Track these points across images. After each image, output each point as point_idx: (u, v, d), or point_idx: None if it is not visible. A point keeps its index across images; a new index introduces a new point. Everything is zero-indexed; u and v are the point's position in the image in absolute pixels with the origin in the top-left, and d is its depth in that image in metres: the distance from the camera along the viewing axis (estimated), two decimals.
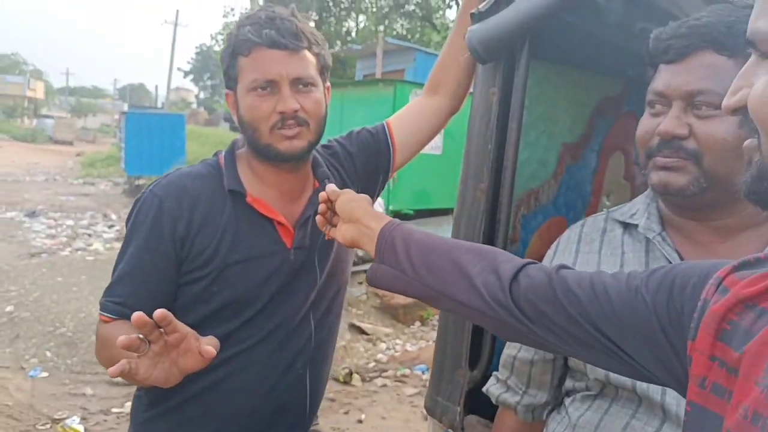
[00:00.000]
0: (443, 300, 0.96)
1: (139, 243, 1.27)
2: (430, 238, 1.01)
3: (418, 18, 23.17)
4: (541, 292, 0.83)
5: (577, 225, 1.15)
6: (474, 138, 1.33)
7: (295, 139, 1.26)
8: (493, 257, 0.92)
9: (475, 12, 1.24)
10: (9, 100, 58.23)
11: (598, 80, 1.68)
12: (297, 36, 1.24)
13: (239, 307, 1.32)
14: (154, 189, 1.30)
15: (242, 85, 1.27)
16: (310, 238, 1.36)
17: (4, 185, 15.58)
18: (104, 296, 1.29)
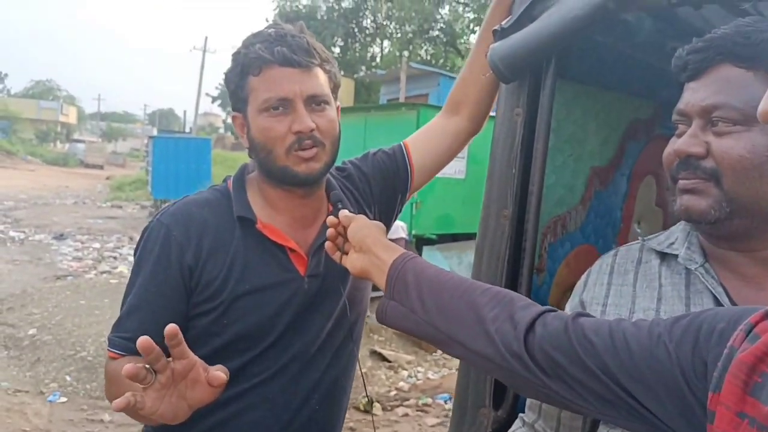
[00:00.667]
0: (453, 345, 0.89)
1: (147, 274, 1.21)
2: (444, 275, 0.94)
3: (442, 43, 23.29)
4: (556, 342, 0.76)
5: (609, 255, 1.07)
6: (497, 161, 1.26)
7: (312, 161, 1.20)
8: (510, 303, 0.85)
9: (498, 29, 1.18)
10: (43, 125, 59.62)
11: (628, 102, 1.60)
12: (309, 52, 1.19)
13: (251, 339, 1.25)
14: (161, 217, 1.24)
15: (253, 106, 1.21)
16: (325, 266, 1.29)
17: (34, 208, 15.85)
18: (112, 331, 1.23)
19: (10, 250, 10.09)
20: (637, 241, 1.05)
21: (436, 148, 1.49)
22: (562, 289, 1.53)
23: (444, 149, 1.49)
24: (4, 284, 7.63)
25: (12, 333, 5.82)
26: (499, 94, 1.29)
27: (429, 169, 1.50)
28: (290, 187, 1.24)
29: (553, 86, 1.19)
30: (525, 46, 1.12)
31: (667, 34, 1.44)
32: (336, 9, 24.37)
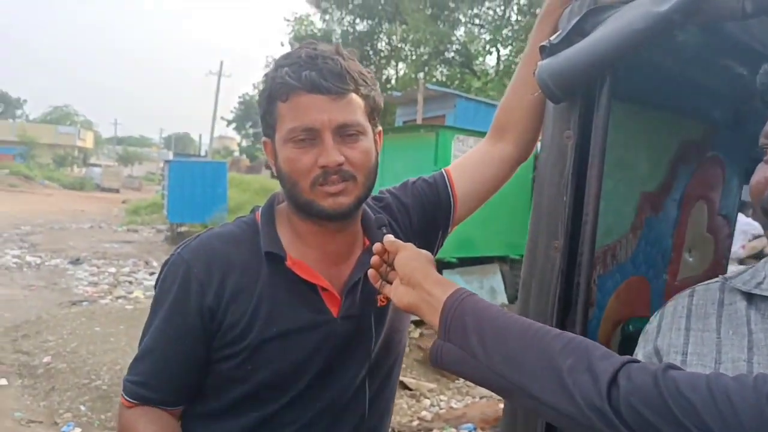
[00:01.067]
0: (521, 397, 0.80)
1: (163, 316, 1.12)
2: (508, 317, 0.84)
3: (457, 64, 23.30)
4: (646, 397, 0.68)
5: (684, 295, 0.95)
6: (546, 189, 1.15)
7: (340, 196, 1.09)
8: (586, 351, 0.75)
9: (546, 44, 1.08)
10: (60, 149, 60.35)
11: (678, 122, 1.50)
12: (341, 77, 1.07)
13: (278, 388, 1.14)
14: (183, 252, 1.15)
15: (280, 134, 1.11)
16: (360, 306, 1.18)
17: (51, 233, 15.91)
18: (127, 373, 1.14)
19: (26, 275, 10.08)
20: (716, 279, 0.94)
21: (482, 177, 1.37)
22: (611, 323, 1.42)
23: (490, 178, 1.37)
24: (20, 310, 7.59)
25: (27, 361, 5.74)
26: (546, 117, 1.19)
27: (474, 200, 1.38)
28: (319, 221, 1.14)
29: (608, 106, 1.09)
30: (578, 62, 1.02)
31: (716, 50, 1.34)
32: (351, 32, 24.52)
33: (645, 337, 0.97)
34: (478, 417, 5.12)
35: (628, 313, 1.46)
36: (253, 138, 63.55)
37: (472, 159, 1.40)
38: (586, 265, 1.11)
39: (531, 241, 1.19)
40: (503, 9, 22.31)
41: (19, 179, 36.92)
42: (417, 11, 21.64)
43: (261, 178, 25.28)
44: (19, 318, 7.16)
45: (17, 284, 9.28)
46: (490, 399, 5.64)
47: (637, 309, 1.51)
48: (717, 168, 1.66)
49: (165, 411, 1.14)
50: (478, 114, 12.78)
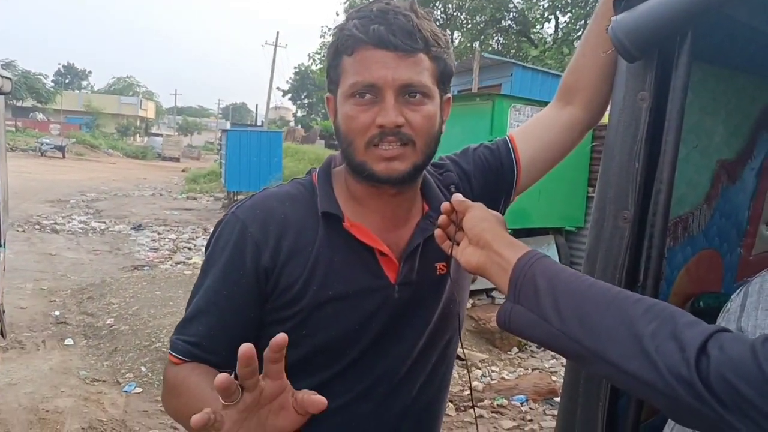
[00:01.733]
0: (598, 363, 0.75)
1: (218, 275, 1.08)
2: (584, 280, 0.80)
3: (514, 33, 22.75)
4: (743, 371, 0.61)
5: None
6: (616, 154, 1.07)
7: (394, 161, 1.03)
8: (671, 317, 0.70)
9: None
10: (123, 119, 62.28)
11: (761, 86, 1.38)
12: (411, 35, 1.01)
13: (333, 354, 1.11)
14: (237, 211, 1.10)
15: (342, 90, 1.05)
16: (419, 273, 1.13)
17: (115, 200, 16.48)
18: (175, 333, 1.11)
19: (92, 240, 10.48)
20: None
21: (549, 143, 1.29)
22: (681, 299, 1.34)
23: (557, 144, 1.29)
24: (85, 273, 7.91)
25: (91, 322, 5.99)
26: (618, 77, 1.10)
27: (539, 168, 1.30)
28: (375, 184, 1.08)
29: (688, 66, 1.00)
30: (658, 16, 0.94)
31: None
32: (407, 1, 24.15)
33: (726, 317, 0.90)
34: (531, 389, 5.08)
35: (698, 288, 1.38)
36: (308, 108, 64.07)
37: (537, 124, 1.32)
38: (658, 237, 1.03)
39: (597, 211, 1.12)
40: None
41: (86, 148, 38.30)
42: None
43: (315, 147, 25.51)
44: (84, 281, 7.47)
45: (83, 248, 9.67)
46: (543, 371, 5.59)
47: (709, 284, 1.42)
48: None
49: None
50: (535, 83, 12.48)
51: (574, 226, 7.55)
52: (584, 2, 18.59)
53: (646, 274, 1.06)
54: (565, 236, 7.64)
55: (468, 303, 6.37)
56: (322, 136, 30.07)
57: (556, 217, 7.37)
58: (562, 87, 1.29)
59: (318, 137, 30.44)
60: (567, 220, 7.47)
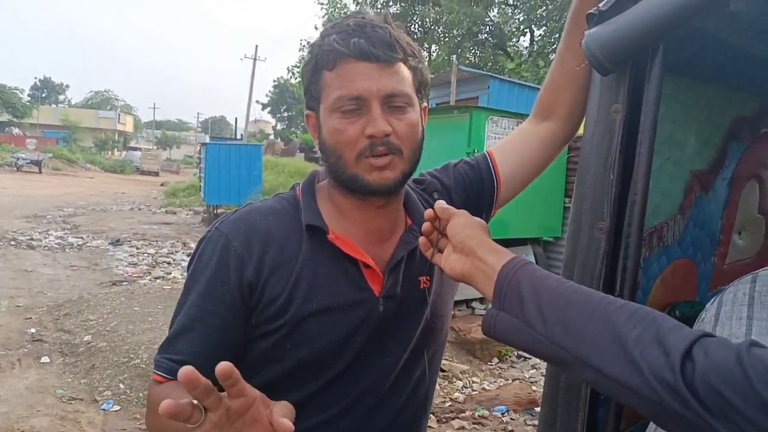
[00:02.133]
0: (583, 369, 0.75)
1: (201, 290, 1.07)
2: (568, 286, 0.80)
3: (490, 46, 22.97)
4: (727, 376, 0.62)
5: (745, 281, 0.89)
6: (591, 166, 1.09)
7: (386, 170, 1.04)
8: (654, 321, 0.70)
9: (594, 12, 1.01)
10: (101, 133, 61.62)
11: (732, 97, 1.41)
12: (391, 46, 1.03)
13: (317, 367, 1.10)
14: (221, 226, 1.10)
15: (325, 105, 1.06)
16: (403, 286, 1.13)
17: (92, 214, 16.28)
18: (159, 352, 1.09)
19: (68, 255, 10.33)
20: None
21: (527, 158, 1.31)
22: (657, 308, 1.34)
23: (536, 158, 1.31)
24: (62, 290, 7.79)
25: (68, 339, 5.89)
26: (592, 89, 1.12)
27: (519, 182, 1.32)
28: (362, 197, 1.09)
29: (660, 79, 1.02)
30: (631, 31, 0.95)
31: None
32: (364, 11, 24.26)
33: (701, 325, 0.91)
34: (511, 399, 5.09)
35: (674, 298, 1.40)
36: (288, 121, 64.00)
37: (515, 139, 1.34)
38: (634, 247, 1.05)
39: (574, 222, 1.13)
40: None
41: (62, 162, 37.85)
42: None
43: (295, 160, 25.44)
44: (61, 297, 7.35)
45: (60, 264, 9.52)
46: (523, 381, 5.60)
47: (684, 293, 1.44)
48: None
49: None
50: (512, 95, 12.60)
51: (552, 236, 7.61)
52: (559, 16, 18.85)
53: (622, 284, 1.07)
54: (542, 246, 7.70)
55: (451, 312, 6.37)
56: (301, 149, 30.01)
57: (533, 227, 7.42)
58: (538, 102, 1.31)
59: (298, 150, 30.37)
60: (544, 230, 7.54)
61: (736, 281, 0.91)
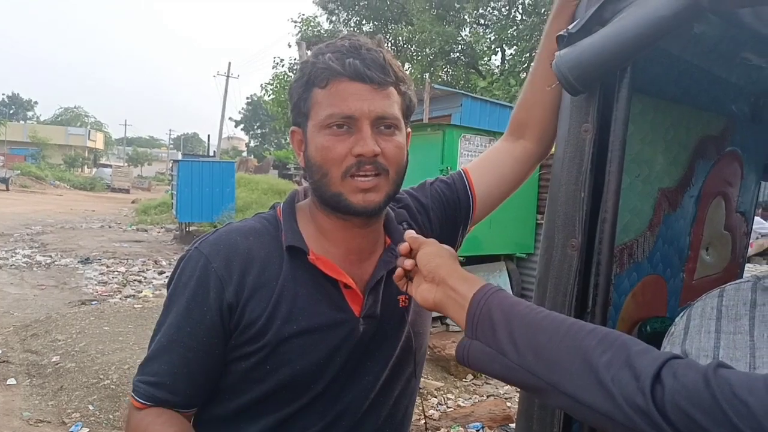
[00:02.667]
0: (556, 395, 0.75)
1: (180, 311, 1.06)
2: (538, 312, 0.81)
3: (462, 65, 23.23)
4: (696, 398, 0.63)
5: (713, 295, 0.91)
6: (562, 184, 1.11)
7: (370, 192, 1.05)
8: (623, 346, 0.71)
9: (564, 34, 1.03)
10: (71, 150, 60.69)
11: (697, 116, 1.45)
12: (384, 69, 1.04)
13: (298, 389, 1.10)
14: (200, 246, 1.09)
15: (314, 122, 1.06)
16: (382, 306, 1.14)
17: (61, 232, 15.98)
18: (138, 374, 1.09)
19: (36, 274, 10.11)
20: (747, 278, 0.90)
21: (502, 176, 1.33)
22: (628, 324, 1.38)
23: (511, 176, 1.34)
24: (29, 309, 7.61)
25: (36, 360, 5.74)
26: (563, 109, 1.14)
27: (494, 199, 1.34)
28: (344, 216, 1.09)
29: (628, 99, 1.04)
30: (599, 52, 0.97)
31: (734, 43, 1.30)
32: (357, 33, 24.46)
33: (671, 339, 0.93)
34: (486, 416, 5.08)
35: (645, 313, 1.42)
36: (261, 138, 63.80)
37: (490, 158, 1.36)
38: (605, 264, 1.07)
39: (546, 239, 1.15)
40: (508, 9, 22.27)
41: (31, 180, 37.16)
42: (423, 12, 21.61)
43: (269, 177, 25.31)
44: (28, 317, 7.18)
45: (27, 283, 9.31)
46: (498, 398, 5.60)
47: (654, 309, 1.47)
48: (735, 164, 1.61)
49: (179, 413, 1.09)
50: (484, 113, 12.75)
51: (525, 253, 7.67)
52: (529, 36, 19.16)
53: (594, 301, 1.08)
54: (515, 262, 7.76)
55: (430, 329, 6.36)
56: (275, 166, 29.92)
57: (506, 244, 7.48)
58: (512, 121, 1.34)
59: (271, 167, 30.27)
60: (517, 246, 7.60)
61: (703, 296, 0.93)
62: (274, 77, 24.28)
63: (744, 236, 1.76)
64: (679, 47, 1.27)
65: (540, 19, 18.47)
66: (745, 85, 1.53)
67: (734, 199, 1.65)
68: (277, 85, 23.65)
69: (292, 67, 23.84)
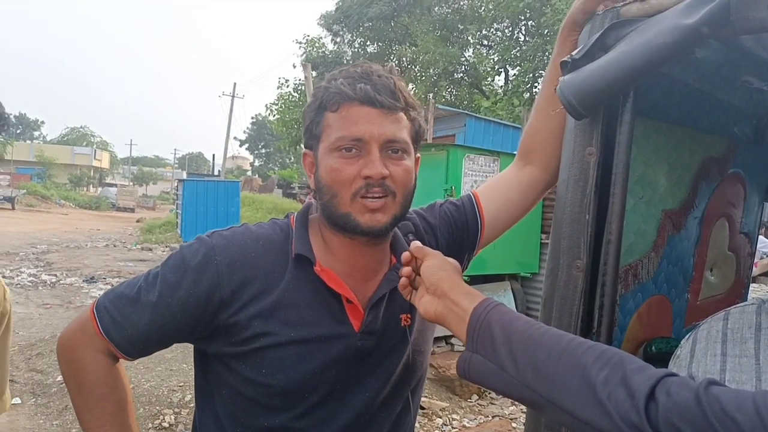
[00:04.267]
0: (553, 411, 0.77)
1: (171, 283, 1.09)
2: (537, 328, 0.82)
3: (466, 85, 23.39)
4: (687, 416, 0.64)
5: (718, 318, 0.92)
6: (567, 206, 1.13)
7: (378, 212, 1.08)
8: (620, 363, 0.72)
9: (568, 60, 1.06)
10: (77, 170, 61.04)
11: (700, 139, 1.47)
12: (394, 95, 1.08)
13: (292, 397, 1.11)
14: (213, 237, 1.13)
15: (325, 144, 1.10)
16: (383, 323, 1.16)
17: (66, 251, 16.01)
18: (110, 298, 1.13)
19: (41, 293, 10.13)
20: (752, 301, 0.91)
21: (511, 201, 1.35)
22: (633, 345, 1.39)
23: (519, 201, 1.35)
24: (34, 329, 7.61)
25: (41, 380, 5.74)
26: (567, 133, 1.17)
27: (502, 224, 1.36)
28: (351, 236, 1.12)
29: (631, 123, 1.07)
30: (602, 78, 1.00)
31: (736, 66, 1.32)
32: (361, 54, 24.73)
33: (677, 362, 0.94)
34: None
35: (650, 333, 1.43)
36: (265, 158, 64.08)
37: (500, 183, 1.38)
38: (610, 285, 1.08)
39: (552, 260, 1.16)
40: (511, 30, 22.45)
41: (36, 198, 37.33)
42: (427, 33, 21.80)
43: (273, 197, 25.42)
44: (33, 336, 7.18)
45: (32, 302, 9.32)
46: (503, 418, 5.57)
47: (659, 329, 1.47)
48: (738, 185, 1.63)
49: (118, 360, 1.16)
50: (488, 133, 12.82)
51: (529, 272, 7.66)
52: (532, 56, 19.29)
53: (600, 321, 1.10)
54: (520, 282, 7.75)
55: (431, 348, 6.34)
56: (279, 185, 30.05)
57: (511, 263, 7.47)
58: (521, 148, 1.36)
59: (276, 186, 30.39)
60: (522, 266, 7.59)
61: (709, 318, 0.94)
62: (279, 97, 24.47)
63: (748, 257, 1.77)
64: (681, 71, 1.29)
65: (543, 40, 18.61)
66: (747, 108, 1.55)
67: (738, 220, 1.66)
68: (282, 105, 23.84)
69: (297, 88, 23.99)
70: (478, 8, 22.16)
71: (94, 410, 1.14)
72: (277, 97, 24.68)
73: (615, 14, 1.08)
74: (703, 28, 0.88)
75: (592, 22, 1.12)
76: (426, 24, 22.33)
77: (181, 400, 5.12)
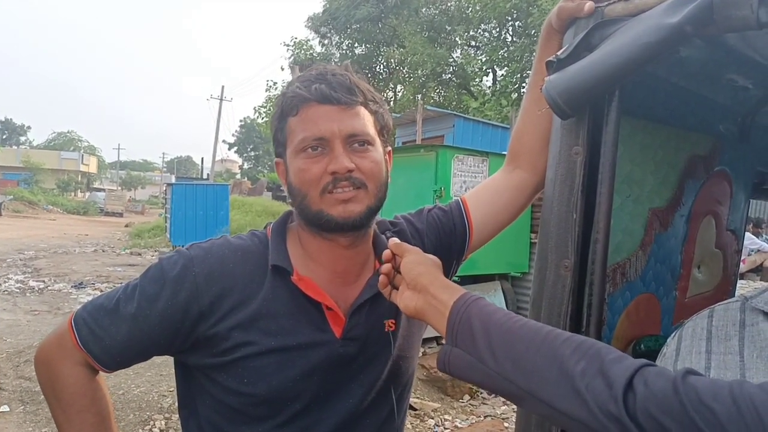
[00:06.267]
0: (533, 403, 0.77)
1: (149, 295, 1.09)
2: (516, 321, 0.83)
3: (454, 86, 23.45)
4: (665, 405, 0.65)
5: (702, 316, 0.92)
6: (555, 206, 1.13)
7: (350, 203, 1.07)
8: (597, 354, 0.73)
9: (553, 59, 1.06)
10: (64, 175, 60.57)
11: (685, 137, 1.48)
12: (350, 90, 1.08)
13: (275, 405, 1.11)
14: (192, 249, 1.13)
15: (291, 149, 1.10)
16: (366, 328, 1.15)
17: (54, 257, 15.88)
18: (89, 310, 1.13)
19: (29, 300, 10.04)
20: (736, 298, 0.91)
21: (500, 205, 1.34)
22: (623, 343, 1.39)
23: (508, 206, 1.34)
24: (22, 335, 7.54)
25: (29, 387, 5.68)
26: (554, 133, 1.17)
27: (491, 229, 1.35)
28: (330, 235, 1.11)
29: (617, 122, 1.07)
30: (588, 77, 1.00)
31: (720, 64, 1.33)
32: (349, 56, 24.75)
33: (663, 360, 0.94)
34: None
35: (638, 331, 1.44)
36: (255, 160, 63.97)
37: (488, 187, 1.38)
38: (598, 283, 1.08)
39: (540, 260, 1.17)
40: (499, 31, 22.54)
41: (23, 204, 37.01)
42: (414, 34, 21.85)
43: (262, 200, 25.35)
44: (21, 343, 7.11)
45: (20, 309, 9.24)
46: (495, 418, 5.57)
47: (648, 327, 1.48)
48: (724, 182, 1.64)
49: (98, 372, 1.15)
50: (476, 133, 12.87)
51: (519, 272, 7.69)
52: (520, 57, 19.38)
53: (588, 320, 1.10)
54: (510, 282, 7.77)
55: (419, 352, 6.34)
56: (269, 188, 29.98)
57: (501, 263, 7.49)
58: (509, 152, 1.36)
59: (265, 189, 30.32)
60: (512, 266, 7.62)
61: (694, 316, 0.94)
62: (267, 100, 24.48)
63: (735, 254, 1.78)
64: (666, 70, 1.30)
65: (530, 40, 18.70)
66: (732, 105, 1.57)
67: (724, 218, 1.67)
68: (270, 108, 23.80)
69: None
70: (466, 9, 22.24)
71: (74, 422, 1.13)
72: (266, 99, 24.70)
73: (599, 14, 1.08)
74: (686, 27, 0.88)
75: (577, 22, 1.12)
76: (413, 25, 22.38)
77: (171, 405, 5.08)
